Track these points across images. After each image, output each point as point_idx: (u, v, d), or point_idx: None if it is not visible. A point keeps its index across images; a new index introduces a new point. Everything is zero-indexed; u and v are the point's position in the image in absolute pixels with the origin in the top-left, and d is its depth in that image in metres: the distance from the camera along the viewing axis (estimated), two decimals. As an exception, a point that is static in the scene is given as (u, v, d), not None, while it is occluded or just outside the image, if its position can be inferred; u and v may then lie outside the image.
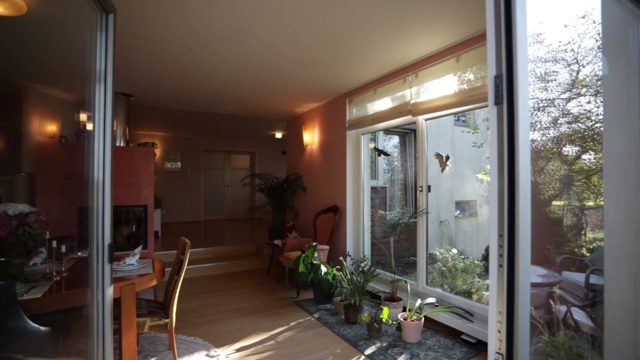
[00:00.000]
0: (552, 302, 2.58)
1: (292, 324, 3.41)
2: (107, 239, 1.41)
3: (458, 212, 7.61)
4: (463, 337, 2.99)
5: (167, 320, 2.47)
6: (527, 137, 0.81)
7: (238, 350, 2.88)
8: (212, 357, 2.75)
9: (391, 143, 7.66)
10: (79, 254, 1.99)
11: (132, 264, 2.53)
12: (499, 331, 0.83)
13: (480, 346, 2.87)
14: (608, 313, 1.68)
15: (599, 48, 2.25)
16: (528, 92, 0.82)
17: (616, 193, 1.61)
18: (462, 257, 4.23)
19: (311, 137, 5.38)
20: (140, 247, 2.74)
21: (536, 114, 2.80)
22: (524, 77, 0.79)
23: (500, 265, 0.83)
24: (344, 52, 3.29)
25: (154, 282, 2.44)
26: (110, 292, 1.44)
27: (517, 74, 0.78)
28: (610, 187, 1.64)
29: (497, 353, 0.84)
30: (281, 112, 6.03)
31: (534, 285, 2.98)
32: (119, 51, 3.26)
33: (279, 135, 8.96)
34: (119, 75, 4.01)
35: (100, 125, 1.50)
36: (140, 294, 3.99)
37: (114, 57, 1.56)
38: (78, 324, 2.35)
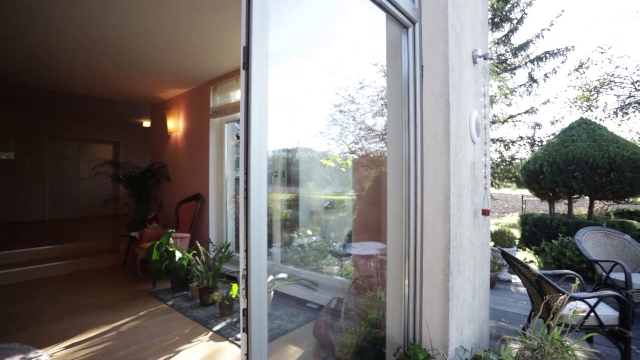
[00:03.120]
0: (371, 266, 3.14)
1: (142, 313, 3.25)
2: None
3: (327, 203, 8.41)
4: (308, 304, 3.36)
5: (-39, 319, 2.09)
6: (263, 95, 1.04)
7: (67, 347, 2.61)
8: (31, 359, 2.44)
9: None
10: None
11: None
12: (245, 251, 1.04)
13: (321, 310, 3.27)
14: (389, 262, 2.17)
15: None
16: (266, 63, 1.04)
17: (393, 171, 2.08)
18: (322, 239, 4.71)
19: (176, 125, 5.17)
20: None
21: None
22: (258, 51, 1.01)
23: (245, 200, 1.04)
24: (202, 39, 3.30)
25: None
26: None
27: (251, 49, 0.99)
28: (390, 167, 2.11)
29: (244, 269, 1.05)
30: (145, 97, 5.59)
31: (368, 256, 3.53)
32: None
33: (147, 124, 8.23)
34: None
35: None
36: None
37: None
38: None
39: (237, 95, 4.21)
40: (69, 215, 8.92)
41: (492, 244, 5.45)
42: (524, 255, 5.80)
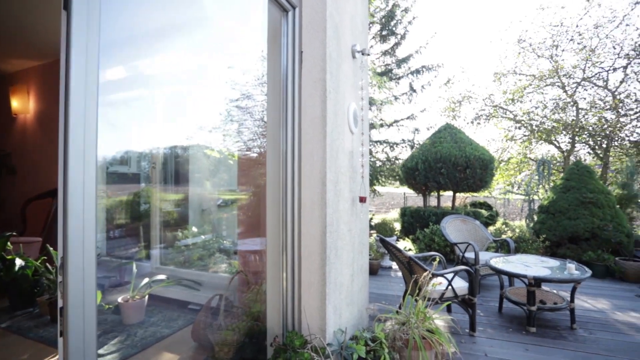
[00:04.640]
0: (257, 260, 3.06)
1: (-42, 342, 2.51)
2: None
3: (220, 201, 8.02)
4: (190, 306, 3.08)
5: None
6: (91, 46, 0.85)
7: None
8: None
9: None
10: None
11: None
12: (63, 234, 0.84)
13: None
14: (269, 251, 2.10)
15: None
16: (96, 5, 0.86)
17: (272, 158, 2.03)
18: (212, 237, 4.41)
19: (24, 105, 4.20)
20: None
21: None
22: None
23: (64, 169, 0.84)
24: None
25: None
26: None
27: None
28: (269, 154, 2.05)
29: (61, 258, 0.84)
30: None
31: (256, 252, 3.41)
32: None
33: (-14, 104, 6.54)
34: None
35: None
36: None
37: None
38: None
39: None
40: None
41: (375, 234, 5.93)
42: (405, 244, 6.49)
